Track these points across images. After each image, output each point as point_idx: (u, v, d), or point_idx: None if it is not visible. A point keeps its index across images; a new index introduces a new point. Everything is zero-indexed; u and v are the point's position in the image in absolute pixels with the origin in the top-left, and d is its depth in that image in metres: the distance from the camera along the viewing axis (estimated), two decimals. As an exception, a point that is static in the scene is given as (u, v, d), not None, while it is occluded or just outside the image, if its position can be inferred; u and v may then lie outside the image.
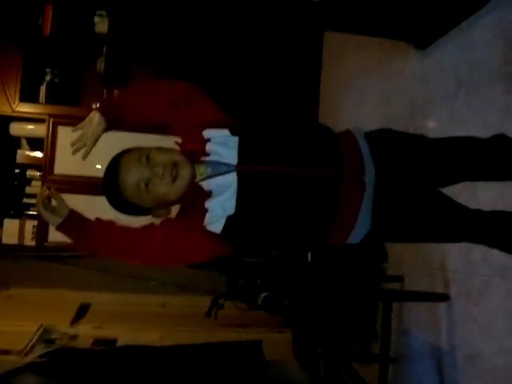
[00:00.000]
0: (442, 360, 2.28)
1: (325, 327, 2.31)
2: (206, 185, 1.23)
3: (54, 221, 1.24)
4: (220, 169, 1.23)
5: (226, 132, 1.25)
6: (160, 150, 1.24)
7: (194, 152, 1.26)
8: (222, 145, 1.23)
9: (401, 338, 2.61)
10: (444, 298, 2.26)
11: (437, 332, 2.33)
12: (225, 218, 1.21)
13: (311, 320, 2.40)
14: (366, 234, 1.29)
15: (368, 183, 1.26)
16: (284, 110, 3.86)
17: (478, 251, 2.03)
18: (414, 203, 1.34)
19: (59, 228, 1.24)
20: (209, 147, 1.24)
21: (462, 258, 2.16)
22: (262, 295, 2.51)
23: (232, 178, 1.21)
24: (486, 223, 1.43)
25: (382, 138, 1.34)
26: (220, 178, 1.22)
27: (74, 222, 1.23)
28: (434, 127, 2.48)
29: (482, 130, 2.05)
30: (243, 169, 1.21)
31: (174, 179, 1.20)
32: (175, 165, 1.20)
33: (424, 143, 1.38)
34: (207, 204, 1.22)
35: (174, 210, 1.30)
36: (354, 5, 2.28)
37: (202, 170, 1.25)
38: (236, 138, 1.24)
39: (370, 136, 1.33)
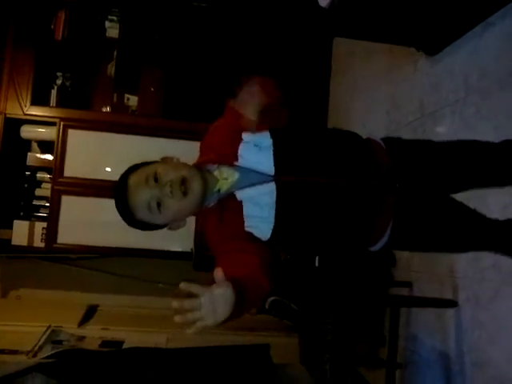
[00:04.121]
0: (450, 367, 2.26)
1: (332, 332, 2.30)
2: (238, 194, 1.19)
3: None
4: (251, 177, 1.18)
5: (266, 134, 1.21)
6: (166, 165, 1.20)
7: (225, 155, 1.21)
8: (256, 148, 1.19)
9: (408, 343, 2.60)
10: (452, 304, 2.25)
11: (445, 338, 2.32)
12: (270, 226, 1.17)
13: (318, 325, 2.40)
14: (385, 243, 1.29)
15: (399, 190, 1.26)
16: (293, 116, 3.87)
17: (488, 257, 2.02)
18: (430, 211, 1.33)
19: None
20: (241, 150, 1.20)
21: (470, 264, 2.16)
22: (270, 299, 2.51)
23: (270, 188, 1.17)
24: (500, 231, 1.42)
25: (397, 145, 1.34)
26: (257, 188, 1.17)
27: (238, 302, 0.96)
28: (443, 133, 2.48)
29: (491, 136, 2.05)
30: (283, 179, 1.17)
31: (185, 194, 1.15)
32: (184, 181, 1.15)
33: (433, 148, 1.38)
34: (245, 212, 1.18)
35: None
36: (363, 11, 2.29)
37: (226, 174, 1.20)
38: (271, 141, 1.19)
39: (387, 143, 1.32)
